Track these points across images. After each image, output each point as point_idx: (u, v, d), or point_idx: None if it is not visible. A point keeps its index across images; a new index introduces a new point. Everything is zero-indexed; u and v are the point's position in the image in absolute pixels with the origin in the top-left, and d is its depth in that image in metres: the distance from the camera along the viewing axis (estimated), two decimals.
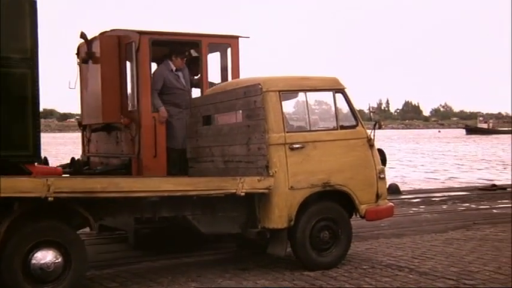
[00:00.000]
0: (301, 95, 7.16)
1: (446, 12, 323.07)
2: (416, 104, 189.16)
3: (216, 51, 9.26)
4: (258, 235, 6.88)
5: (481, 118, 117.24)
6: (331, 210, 7.14)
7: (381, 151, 10.56)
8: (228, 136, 7.33)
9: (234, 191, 6.55)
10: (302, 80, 7.25)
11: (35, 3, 6.56)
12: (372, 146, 7.39)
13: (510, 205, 13.05)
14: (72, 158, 9.13)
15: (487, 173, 26.51)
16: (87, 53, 8.76)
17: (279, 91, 6.91)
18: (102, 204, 6.25)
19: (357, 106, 7.72)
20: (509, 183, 19.39)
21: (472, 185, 19.36)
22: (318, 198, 7.03)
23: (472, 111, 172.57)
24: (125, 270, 7.26)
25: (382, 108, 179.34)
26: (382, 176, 7.44)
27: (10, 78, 6.46)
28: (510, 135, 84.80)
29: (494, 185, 17.58)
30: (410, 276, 6.72)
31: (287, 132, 6.88)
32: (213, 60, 9.20)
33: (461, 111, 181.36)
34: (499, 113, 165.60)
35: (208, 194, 6.51)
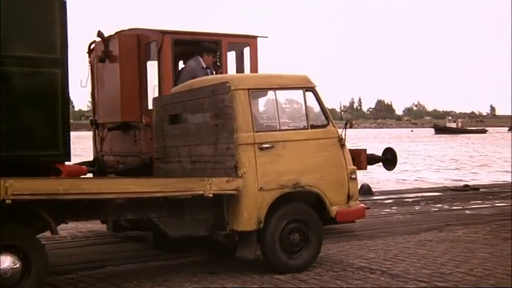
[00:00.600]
0: (270, 93, 7.15)
1: (420, 12, 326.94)
2: (389, 103, 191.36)
3: (231, 50, 9.57)
4: (226, 238, 6.87)
5: (449, 117, 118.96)
6: (302, 212, 7.15)
7: (390, 150, 10.93)
8: (196, 136, 7.29)
9: (202, 192, 6.51)
10: (272, 78, 7.26)
11: (65, 3, 6.84)
12: (343, 145, 7.41)
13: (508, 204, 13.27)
14: (96, 157, 9.31)
15: (459, 173, 26.87)
16: (104, 51, 9.01)
17: (248, 89, 6.90)
18: (65, 206, 6.15)
19: (329, 105, 7.80)
20: (482, 183, 19.73)
21: (444, 185, 19.60)
22: (288, 200, 7.03)
23: (445, 110, 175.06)
24: (88, 275, 7.18)
25: (355, 107, 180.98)
26: (353, 176, 7.47)
27: (40, 78, 6.70)
28: (481, 134, 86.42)
29: (466, 186, 17.85)
30: (382, 278, 6.77)
31: (256, 131, 6.87)
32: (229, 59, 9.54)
33: (435, 110, 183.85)
34: (472, 112, 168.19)
35: (174, 196, 6.47)
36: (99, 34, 8.98)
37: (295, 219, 7.08)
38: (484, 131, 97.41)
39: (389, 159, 10.74)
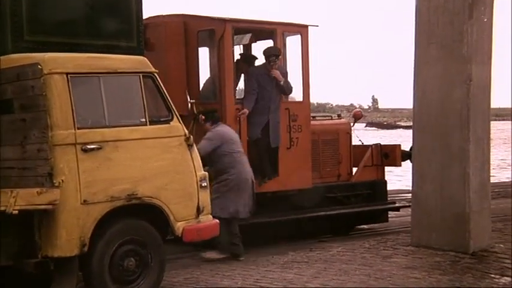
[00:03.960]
0: (98, 79, 6.94)
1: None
2: None
3: (269, 38, 11.01)
4: (37, 267, 6.63)
5: None
6: (139, 231, 7.12)
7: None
8: None
9: (3, 208, 6.26)
10: (99, 59, 7.08)
11: None
12: (190, 145, 7.40)
13: None
14: None
15: None
16: None
17: (67, 73, 6.70)
18: None
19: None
20: None
21: None
22: (122, 215, 6.96)
23: (319, 102, 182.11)
24: None
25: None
26: (203, 184, 7.49)
27: None
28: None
29: None
30: None
31: (79, 128, 6.71)
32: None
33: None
34: (351, 105, 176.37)
35: None
36: None
37: (130, 239, 7.04)
38: None
39: None
